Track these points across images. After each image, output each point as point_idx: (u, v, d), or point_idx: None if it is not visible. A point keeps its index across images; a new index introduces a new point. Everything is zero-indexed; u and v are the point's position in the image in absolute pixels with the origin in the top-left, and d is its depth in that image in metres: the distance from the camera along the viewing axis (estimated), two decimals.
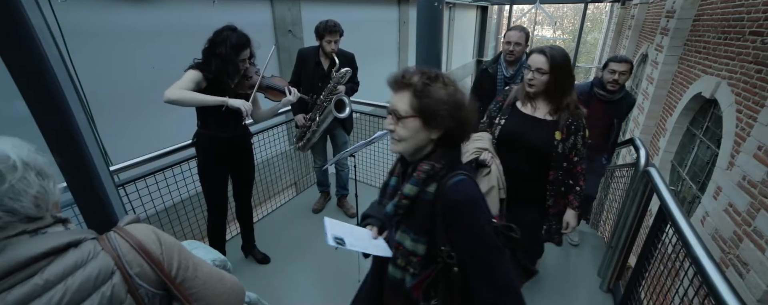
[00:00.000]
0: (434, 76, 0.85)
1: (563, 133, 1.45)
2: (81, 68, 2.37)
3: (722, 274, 1.10)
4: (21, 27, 0.89)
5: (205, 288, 0.69)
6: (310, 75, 2.37)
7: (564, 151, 1.47)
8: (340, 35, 2.28)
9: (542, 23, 24.83)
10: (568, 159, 1.50)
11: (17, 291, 0.49)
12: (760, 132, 2.71)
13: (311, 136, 2.49)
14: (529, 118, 1.52)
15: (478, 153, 1.51)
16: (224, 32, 1.68)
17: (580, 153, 1.50)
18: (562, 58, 1.42)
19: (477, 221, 0.83)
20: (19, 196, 0.53)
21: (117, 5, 2.80)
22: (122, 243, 0.62)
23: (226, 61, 1.68)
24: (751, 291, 2.38)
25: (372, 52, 6.32)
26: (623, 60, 2.13)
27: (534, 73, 1.44)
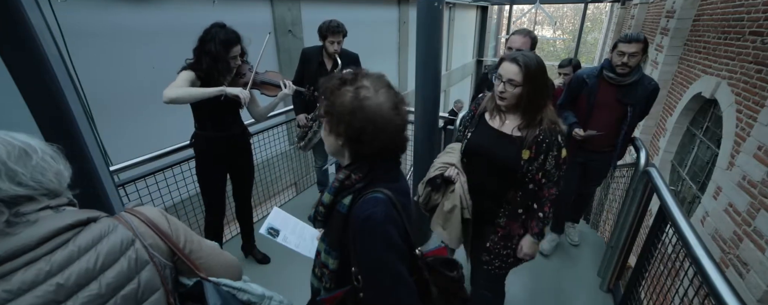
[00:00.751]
0: (350, 79, 0.78)
1: (532, 152, 1.26)
2: (81, 68, 2.37)
3: (722, 274, 1.10)
4: (21, 27, 0.89)
5: (210, 258, 0.78)
6: (313, 75, 2.38)
7: (531, 171, 1.28)
8: (344, 36, 2.29)
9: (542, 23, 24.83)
10: (535, 181, 1.30)
11: (59, 255, 0.57)
12: (760, 132, 2.71)
13: (312, 136, 2.49)
14: (495, 133, 1.33)
15: (443, 169, 1.40)
16: (213, 29, 1.67)
17: (550, 175, 1.29)
18: (538, 67, 1.23)
19: (374, 246, 0.75)
20: (44, 172, 0.62)
21: (117, 5, 2.80)
22: (133, 219, 0.70)
23: (216, 59, 1.66)
24: (751, 291, 2.38)
25: (372, 52, 6.32)
26: (633, 39, 1.87)
27: (505, 85, 1.25)
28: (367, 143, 0.77)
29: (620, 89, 1.98)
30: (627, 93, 1.97)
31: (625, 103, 1.98)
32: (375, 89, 0.77)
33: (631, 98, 1.97)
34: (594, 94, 2.03)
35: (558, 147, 1.26)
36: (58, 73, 0.97)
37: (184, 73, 1.69)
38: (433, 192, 1.45)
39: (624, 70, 1.91)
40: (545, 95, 1.26)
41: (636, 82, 1.95)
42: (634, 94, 1.97)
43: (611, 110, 2.02)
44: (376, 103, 0.75)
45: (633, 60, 1.88)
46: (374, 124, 0.75)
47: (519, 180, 1.30)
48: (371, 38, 6.33)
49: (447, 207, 1.37)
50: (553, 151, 1.26)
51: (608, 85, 2.00)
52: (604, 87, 2.01)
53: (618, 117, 2.03)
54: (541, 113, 1.26)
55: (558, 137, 1.26)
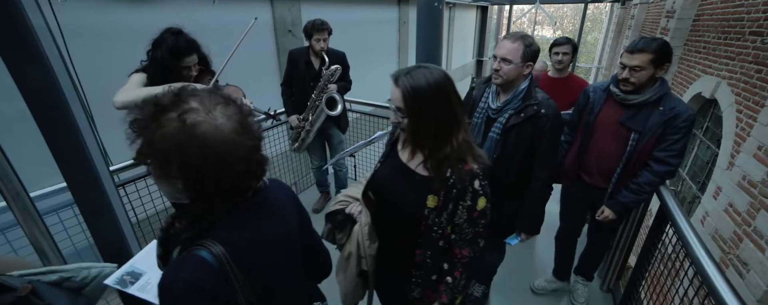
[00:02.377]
0: (170, 103, 0.58)
1: (439, 199, 0.95)
2: (81, 68, 2.37)
3: (722, 274, 1.10)
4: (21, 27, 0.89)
5: None
6: (301, 75, 2.38)
7: (439, 224, 0.97)
8: (329, 33, 2.28)
9: (542, 23, 24.84)
10: (445, 237, 0.99)
11: None
12: (760, 132, 2.71)
13: (306, 136, 2.49)
14: (402, 168, 1.03)
15: (344, 204, 1.17)
16: (164, 35, 1.52)
17: (462, 232, 0.98)
18: (429, 89, 0.88)
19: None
20: None
21: (117, 5, 2.80)
22: None
23: (164, 68, 1.53)
24: (751, 291, 2.38)
25: (372, 52, 6.32)
26: (636, 49, 1.43)
27: (395, 113, 0.95)
28: (212, 181, 0.59)
29: (627, 110, 1.54)
30: (633, 116, 1.52)
31: (629, 129, 1.52)
32: (207, 109, 0.59)
33: (637, 123, 1.50)
34: (596, 111, 1.63)
35: (473, 195, 0.94)
36: (58, 73, 0.97)
37: (135, 76, 1.57)
38: (335, 230, 1.19)
39: (626, 86, 1.50)
40: (449, 125, 0.92)
41: (647, 104, 1.48)
42: (641, 119, 1.50)
43: (613, 135, 1.58)
44: (211, 126, 0.57)
45: (636, 76, 1.44)
46: (216, 155, 0.58)
47: (422, 234, 1.00)
48: (371, 38, 6.33)
49: (344, 254, 1.13)
50: (465, 199, 0.94)
51: (614, 103, 1.58)
52: (610, 104, 1.60)
53: (615, 144, 1.59)
54: (445, 148, 0.93)
55: (475, 182, 0.93)
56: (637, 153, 1.54)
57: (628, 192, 1.59)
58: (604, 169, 1.65)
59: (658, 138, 1.49)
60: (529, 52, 1.34)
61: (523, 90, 1.39)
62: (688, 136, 1.48)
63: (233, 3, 3.81)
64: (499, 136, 1.42)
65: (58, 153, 1.06)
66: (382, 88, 7.21)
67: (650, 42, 1.43)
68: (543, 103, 1.37)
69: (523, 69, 1.36)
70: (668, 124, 1.46)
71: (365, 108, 3.17)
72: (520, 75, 1.37)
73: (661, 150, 1.50)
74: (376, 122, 3.25)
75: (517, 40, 1.35)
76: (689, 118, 1.45)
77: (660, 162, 1.51)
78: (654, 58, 1.41)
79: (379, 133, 2.02)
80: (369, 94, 2.94)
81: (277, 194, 0.77)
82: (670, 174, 1.54)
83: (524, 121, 1.37)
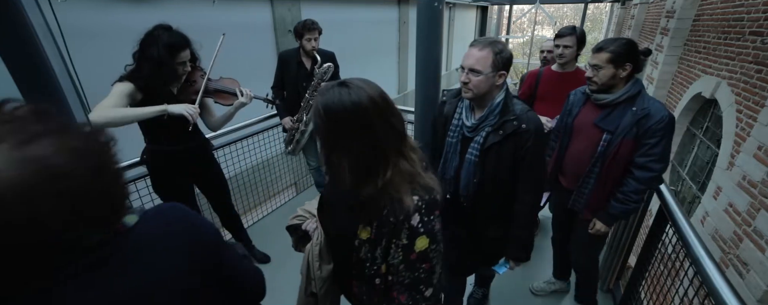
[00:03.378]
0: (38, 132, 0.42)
1: (371, 232, 0.81)
2: (81, 68, 2.37)
3: (722, 274, 1.11)
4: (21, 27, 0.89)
5: None
6: (293, 76, 2.37)
7: (371, 260, 0.83)
8: (319, 33, 2.28)
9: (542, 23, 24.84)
10: (380, 276, 0.84)
11: None
12: (760, 132, 2.71)
13: (300, 138, 2.47)
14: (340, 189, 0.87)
15: (301, 220, 1.09)
16: (155, 31, 1.47)
17: (399, 274, 0.81)
18: (339, 113, 0.73)
19: None
20: None
21: (117, 5, 2.80)
22: None
23: (160, 64, 1.47)
24: (751, 291, 2.38)
25: (372, 52, 6.32)
26: (595, 48, 1.45)
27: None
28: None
29: (602, 110, 1.50)
30: (606, 116, 1.48)
31: (603, 129, 1.48)
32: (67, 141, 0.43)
33: (610, 124, 1.46)
34: (574, 113, 1.61)
35: (410, 234, 0.76)
36: (58, 73, 0.97)
37: (119, 85, 1.47)
38: (299, 244, 1.10)
39: (591, 85, 1.49)
40: (367, 161, 0.75)
41: (620, 104, 1.45)
42: (614, 120, 1.45)
43: (588, 136, 1.54)
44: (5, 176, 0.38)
45: (597, 75, 1.43)
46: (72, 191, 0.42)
47: (354, 266, 0.87)
48: (371, 38, 6.33)
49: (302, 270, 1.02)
50: (400, 238, 0.77)
51: (591, 105, 1.56)
52: (588, 106, 1.58)
53: (587, 146, 1.54)
54: (366, 187, 0.76)
55: (413, 218, 0.75)
56: (610, 155, 1.46)
57: (616, 202, 1.51)
58: (578, 172, 1.58)
59: (635, 141, 1.43)
60: (501, 60, 1.18)
61: (499, 103, 1.23)
62: (667, 138, 1.41)
63: (233, 3, 3.81)
64: (477, 157, 1.27)
65: None
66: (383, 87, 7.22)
67: (611, 42, 1.43)
68: (523, 116, 1.22)
69: (495, 79, 1.20)
70: (641, 125, 1.40)
71: None
72: (493, 86, 1.21)
73: (641, 155, 1.44)
74: None
75: (486, 46, 1.18)
76: (663, 119, 1.37)
77: (641, 168, 1.44)
78: (612, 57, 1.40)
79: None
80: None
81: (149, 234, 0.57)
82: (655, 181, 1.47)
83: (504, 139, 1.23)
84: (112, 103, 1.44)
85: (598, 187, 1.54)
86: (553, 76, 2.15)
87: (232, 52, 3.74)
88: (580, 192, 1.60)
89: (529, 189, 1.31)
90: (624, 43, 1.41)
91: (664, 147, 1.41)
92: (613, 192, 1.53)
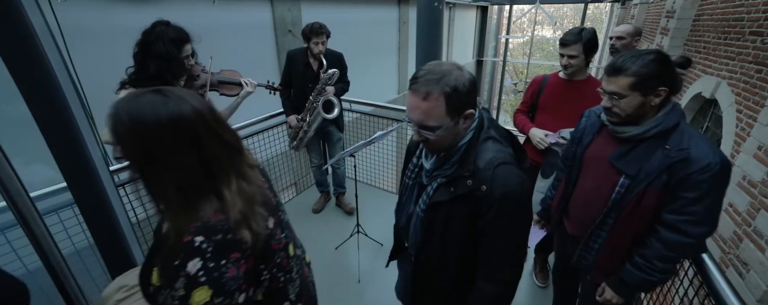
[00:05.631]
0: None
1: (163, 273, 0.68)
2: (81, 68, 2.37)
3: (722, 274, 1.11)
4: (21, 27, 0.89)
5: None
6: (300, 76, 2.40)
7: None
8: (327, 36, 2.29)
9: (542, 23, 24.84)
10: None
11: None
12: (760, 132, 2.71)
13: (303, 136, 2.52)
14: None
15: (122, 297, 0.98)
16: (157, 28, 1.47)
17: None
18: (131, 125, 0.60)
19: None
20: None
21: (117, 5, 2.80)
22: None
23: (169, 60, 1.46)
24: (751, 291, 2.38)
25: (372, 52, 6.32)
26: (617, 70, 1.03)
27: None
28: None
29: (621, 144, 1.13)
30: (626, 153, 1.11)
31: (619, 170, 1.11)
32: None
33: (629, 165, 1.09)
34: (585, 142, 1.25)
35: (187, 283, 0.61)
36: (58, 73, 0.97)
37: (123, 94, 1.48)
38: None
39: (611, 117, 1.12)
40: (200, 166, 0.64)
41: (647, 139, 1.07)
42: (636, 159, 1.08)
43: (601, 176, 1.18)
44: None
45: (619, 105, 1.06)
46: None
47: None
48: (371, 38, 6.33)
49: None
50: (175, 288, 0.61)
51: (608, 133, 1.18)
52: (604, 135, 1.21)
53: (600, 187, 1.17)
54: (178, 216, 0.64)
55: (189, 263, 0.61)
56: (628, 206, 1.09)
57: (633, 268, 1.12)
58: (587, 219, 1.22)
59: (663, 190, 1.04)
60: (458, 98, 0.81)
61: (461, 148, 0.90)
62: (716, 193, 1.00)
63: (233, 3, 3.81)
64: (424, 213, 0.97)
65: (58, 154, 1.06)
66: (382, 88, 7.22)
67: (632, 59, 1.01)
68: (485, 174, 0.85)
69: (459, 126, 0.87)
70: (675, 172, 1.00)
71: (365, 108, 3.17)
72: (457, 133, 0.89)
73: (674, 211, 1.04)
74: (376, 122, 3.26)
75: (430, 92, 0.80)
76: (710, 167, 0.95)
77: (672, 228, 1.05)
78: (636, 82, 1.00)
79: (379, 133, 2.02)
80: (369, 94, 2.94)
81: None
82: (691, 249, 1.08)
83: (454, 199, 0.89)
84: None
85: (611, 243, 1.16)
86: (559, 84, 1.82)
87: (232, 52, 3.74)
88: (588, 246, 1.23)
89: (491, 276, 0.93)
90: (652, 60, 1.00)
91: (709, 205, 1.01)
92: (631, 253, 1.14)
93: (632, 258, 1.13)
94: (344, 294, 2.08)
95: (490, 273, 0.94)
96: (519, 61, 17.59)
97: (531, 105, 1.95)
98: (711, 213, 1.03)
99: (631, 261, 1.14)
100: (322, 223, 2.77)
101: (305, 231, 2.66)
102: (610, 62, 1.06)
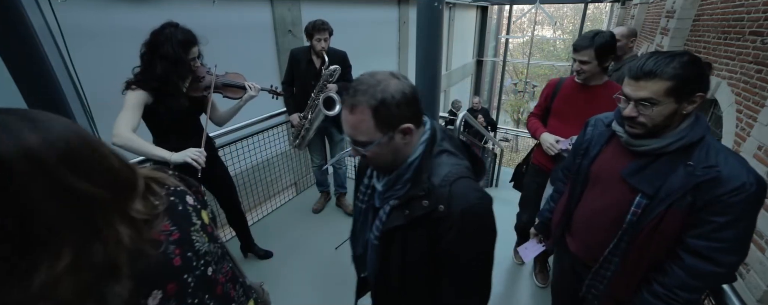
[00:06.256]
0: None
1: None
2: (81, 68, 2.37)
3: None
4: (21, 27, 0.89)
5: None
6: (303, 74, 2.41)
7: None
8: (330, 34, 2.30)
9: (542, 23, 24.85)
10: None
11: None
12: (760, 132, 2.71)
13: (305, 134, 2.52)
14: None
15: None
16: (166, 30, 1.48)
17: None
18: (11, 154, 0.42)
19: None
20: None
21: (117, 5, 2.80)
22: None
23: (176, 62, 1.49)
24: (751, 291, 2.39)
25: (372, 52, 6.32)
26: (648, 72, 0.89)
27: None
28: None
29: (636, 158, 1.00)
30: (642, 169, 0.98)
31: (634, 188, 0.99)
32: None
33: (647, 183, 0.96)
34: (592, 154, 1.13)
35: None
36: (58, 73, 0.97)
37: (132, 96, 1.48)
38: None
39: (634, 128, 0.96)
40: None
41: (667, 154, 0.95)
42: (654, 176, 0.95)
43: (612, 193, 1.05)
44: None
45: (648, 113, 0.91)
46: None
47: None
48: (371, 38, 6.33)
49: None
50: None
51: (619, 145, 1.05)
52: (613, 146, 1.08)
53: (621, 209, 1.01)
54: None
55: None
56: (646, 229, 0.96)
57: (652, 298, 0.99)
58: (594, 241, 1.10)
59: (688, 211, 0.91)
60: (385, 113, 0.72)
61: (412, 164, 0.79)
62: (749, 218, 0.89)
63: (233, 3, 3.81)
64: (378, 240, 0.86)
65: None
66: None
67: (666, 61, 0.87)
68: (442, 191, 0.75)
69: (395, 141, 0.76)
70: (703, 193, 0.88)
71: None
72: (397, 149, 0.78)
73: (700, 237, 0.91)
74: None
75: (356, 103, 0.73)
76: (744, 188, 0.84)
77: (699, 256, 0.92)
78: (675, 86, 0.87)
79: None
80: None
81: None
82: (720, 279, 0.95)
83: (411, 223, 0.78)
84: (129, 118, 1.46)
85: (624, 269, 1.03)
86: (573, 88, 1.71)
87: (232, 52, 3.74)
88: (599, 275, 1.09)
89: (461, 292, 0.83)
90: (688, 61, 0.87)
91: (741, 231, 0.89)
92: (650, 280, 1.01)
93: (651, 286, 1.00)
94: (344, 295, 2.08)
95: (457, 300, 0.83)
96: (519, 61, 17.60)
97: (545, 108, 1.86)
98: (743, 239, 0.91)
99: (650, 289, 1.01)
100: (322, 223, 2.77)
101: (305, 231, 2.66)
102: (636, 64, 0.92)
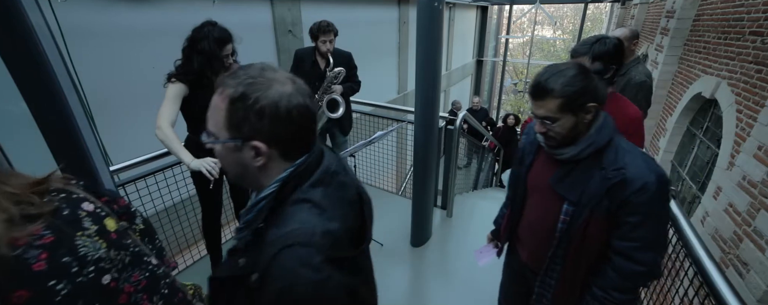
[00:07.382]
0: None
1: None
2: (81, 68, 2.37)
3: (722, 274, 1.11)
4: (21, 27, 0.89)
5: None
6: (307, 75, 2.40)
7: None
8: (335, 35, 2.30)
9: (542, 23, 24.84)
10: None
11: None
12: (760, 132, 2.71)
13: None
14: None
15: None
16: (205, 28, 1.64)
17: None
18: None
19: None
20: None
21: (117, 5, 2.80)
22: None
23: (210, 58, 1.62)
24: (751, 291, 2.38)
25: (372, 52, 6.32)
26: (543, 92, 0.93)
27: None
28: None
29: (561, 166, 1.03)
30: (565, 176, 1.01)
31: (561, 196, 1.01)
32: None
33: (571, 190, 0.99)
34: (526, 163, 1.15)
35: None
36: (58, 73, 0.97)
37: (172, 88, 1.64)
38: None
39: (548, 141, 1.01)
40: None
41: (583, 160, 0.98)
42: (576, 183, 0.99)
43: (545, 202, 1.09)
44: None
45: (554, 128, 0.96)
46: None
47: None
48: (371, 38, 6.33)
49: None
50: None
51: (547, 155, 1.08)
52: (544, 156, 1.11)
53: (556, 217, 1.03)
54: None
55: None
56: (576, 235, 0.99)
57: (593, 300, 1.04)
58: (537, 249, 1.13)
59: (607, 215, 0.95)
60: (242, 114, 0.56)
61: (263, 202, 0.60)
62: (657, 214, 0.93)
63: (233, 3, 3.81)
64: (209, 288, 0.72)
65: (58, 153, 1.06)
66: (383, 88, 7.22)
67: (555, 76, 0.92)
68: (264, 256, 0.55)
69: (242, 152, 0.60)
70: (616, 196, 0.92)
71: (365, 108, 3.17)
72: (246, 166, 0.61)
73: (621, 238, 0.97)
74: (376, 122, 3.26)
75: (224, 86, 0.58)
76: (646, 188, 0.88)
77: (622, 256, 0.97)
78: (564, 103, 0.92)
79: (379, 132, 2.02)
80: (369, 94, 2.93)
81: None
82: (646, 277, 0.99)
83: (230, 279, 0.62)
84: (169, 110, 1.62)
85: (565, 276, 1.07)
86: None
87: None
88: (544, 283, 1.11)
89: None
90: (574, 75, 0.91)
91: (652, 228, 0.94)
92: (590, 285, 1.06)
93: (591, 289, 1.05)
94: None
95: None
96: (519, 61, 17.61)
97: None
98: (657, 236, 0.96)
99: (590, 292, 1.05)
100: None
101: None
102: (533, 82, 0.96)
